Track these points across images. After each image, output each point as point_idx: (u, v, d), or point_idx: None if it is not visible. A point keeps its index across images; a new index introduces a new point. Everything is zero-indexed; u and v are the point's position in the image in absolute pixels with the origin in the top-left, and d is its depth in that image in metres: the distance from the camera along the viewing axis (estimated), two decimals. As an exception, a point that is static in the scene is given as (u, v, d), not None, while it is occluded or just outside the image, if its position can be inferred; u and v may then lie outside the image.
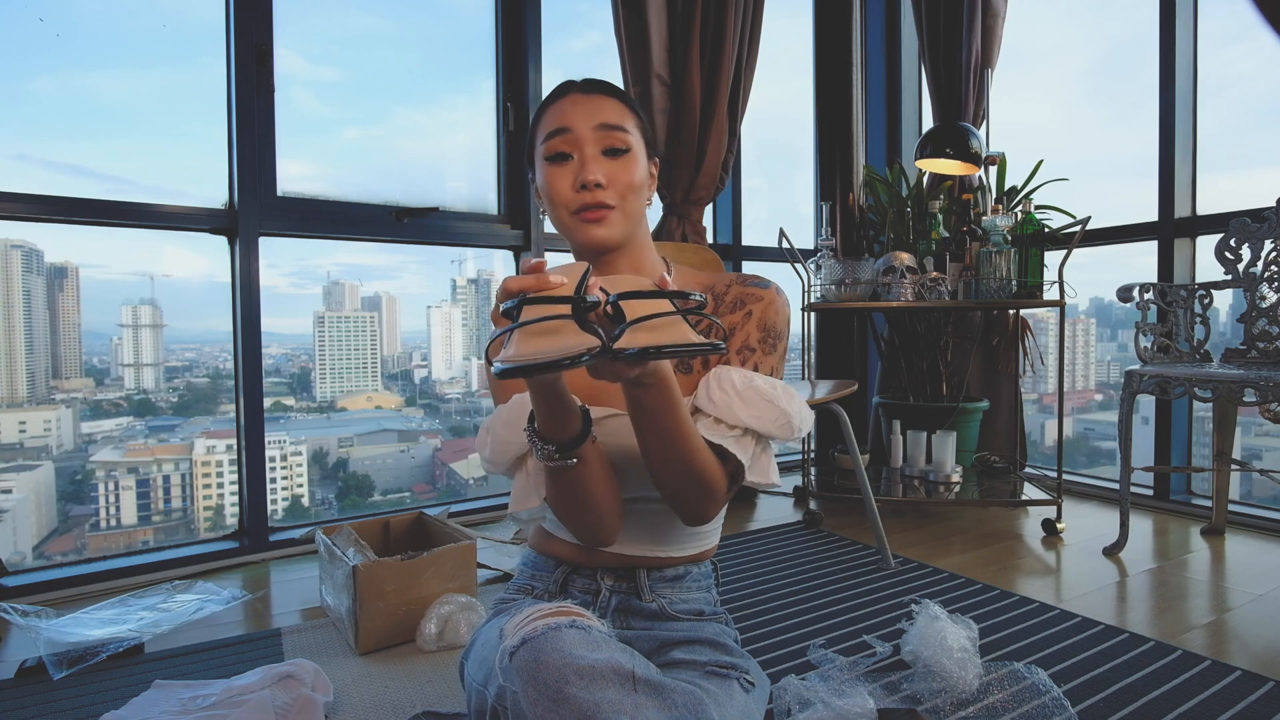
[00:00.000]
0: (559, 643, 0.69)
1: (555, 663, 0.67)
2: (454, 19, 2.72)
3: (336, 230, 2.31)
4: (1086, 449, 3.24)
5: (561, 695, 0.65)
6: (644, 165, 0.96)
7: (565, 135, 0.91)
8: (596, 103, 0.92)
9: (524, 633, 0.71)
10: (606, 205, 0.90)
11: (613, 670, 0.68)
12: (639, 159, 0.94)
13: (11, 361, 2.09)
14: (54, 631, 1.57)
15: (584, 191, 0.90)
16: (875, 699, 1.24)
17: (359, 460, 2.64)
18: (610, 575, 0.97)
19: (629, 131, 0.93)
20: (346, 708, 1.29)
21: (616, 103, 0.94)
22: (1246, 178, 2.63)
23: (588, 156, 0.90)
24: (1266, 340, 2.09)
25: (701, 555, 1.02)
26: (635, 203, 0.93)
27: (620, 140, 0.92)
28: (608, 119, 0.91)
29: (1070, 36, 3.24)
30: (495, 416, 0.91)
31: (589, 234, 0.91)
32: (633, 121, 0.95)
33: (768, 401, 0.87)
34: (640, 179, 0.94)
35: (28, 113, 2.01)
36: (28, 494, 2.10)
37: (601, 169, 0.90)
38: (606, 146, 0.91)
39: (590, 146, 0.90)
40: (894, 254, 2.55)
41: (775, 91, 3.20)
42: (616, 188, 0.91)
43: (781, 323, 0.95)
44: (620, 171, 0.91)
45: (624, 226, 0.92)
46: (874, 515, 2.05)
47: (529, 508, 0.89)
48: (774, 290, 0.96)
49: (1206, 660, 1.42)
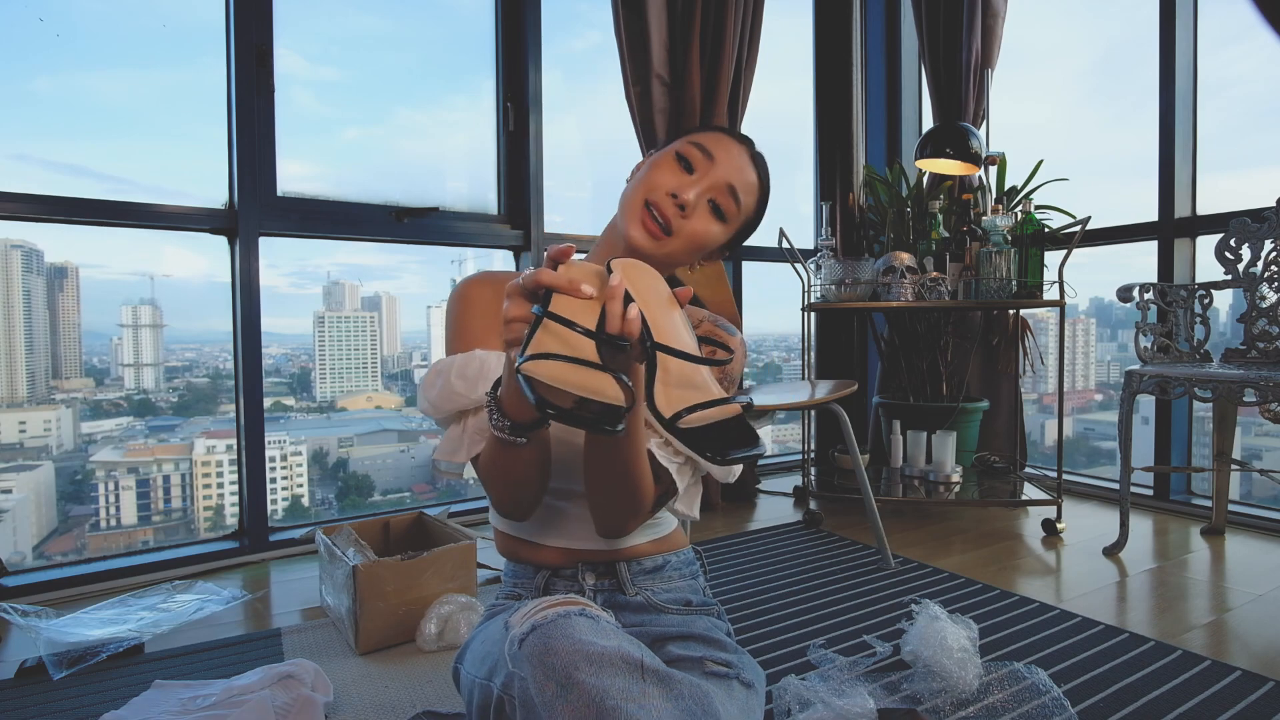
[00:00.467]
0: (569, 629, 0.69)
1: (565, 648, 0.67)
2: (454, 19, 2.72)
3: (336, 230, 2.31)
4: (1086, 449, 3.24)
5: (571, 680, 0.65)
6: (718, 242, 0.97)
7: (708, 160, 0.93)
8: (748, 165, 0.96)
9: (533, 620, 0.71)
10: (670, 230, 0.91)
11: (622, 658, 0.68)
12: (719, 234, 0.96)
13: (11, 361, 2.09)
14: (54, 631, 1.57)
15: (672, 199, 0.91)
16: (875, 699, 1.24)
17: (359, 460, 2.64)
18: (591, 573, 0.98)
19: (738, 211, 0.95)
20: (346, 708, 1.29)
21: (758, 179, 0.97)
22: (1246, 178, 2.63)
23: (702, 187, 0.92)
24: (1266, 340, 2.09)
25: (672, 543, 1.03)
26: (685, 254, 0.95)
27: (730, 209, 0.94)
28: (741, 184, 0.94)
29: (1070, 36, 3.24)
30: (450, 364, 0.90)
31: (635, 235, 0.91)
32: (740, 214, 0.96)
33: None
34: (707, 246, 0.95)
35: (28, 113, 2.01)
36: (28, 494, 2.10)
37: (700, 206, 0.92)
38: (719, 199, 0.93)
39: (709, 185, 0.93)
40: (894, 254, 2.55)
41: (775, 91, 3.20)
42: (689, 230, 0.92)
43: (740, 371, 0.98)
44: (705, 224, 0.93)
45: (663, 259, 0.93)
46: (874, 515, 2.05)
47: (453, 462, 0.90)
48: (738, 340, 0.98)
49: (1206, 660, 1.42)
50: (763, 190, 1.00)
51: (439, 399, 0.90)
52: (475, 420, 0.89)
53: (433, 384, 0.91)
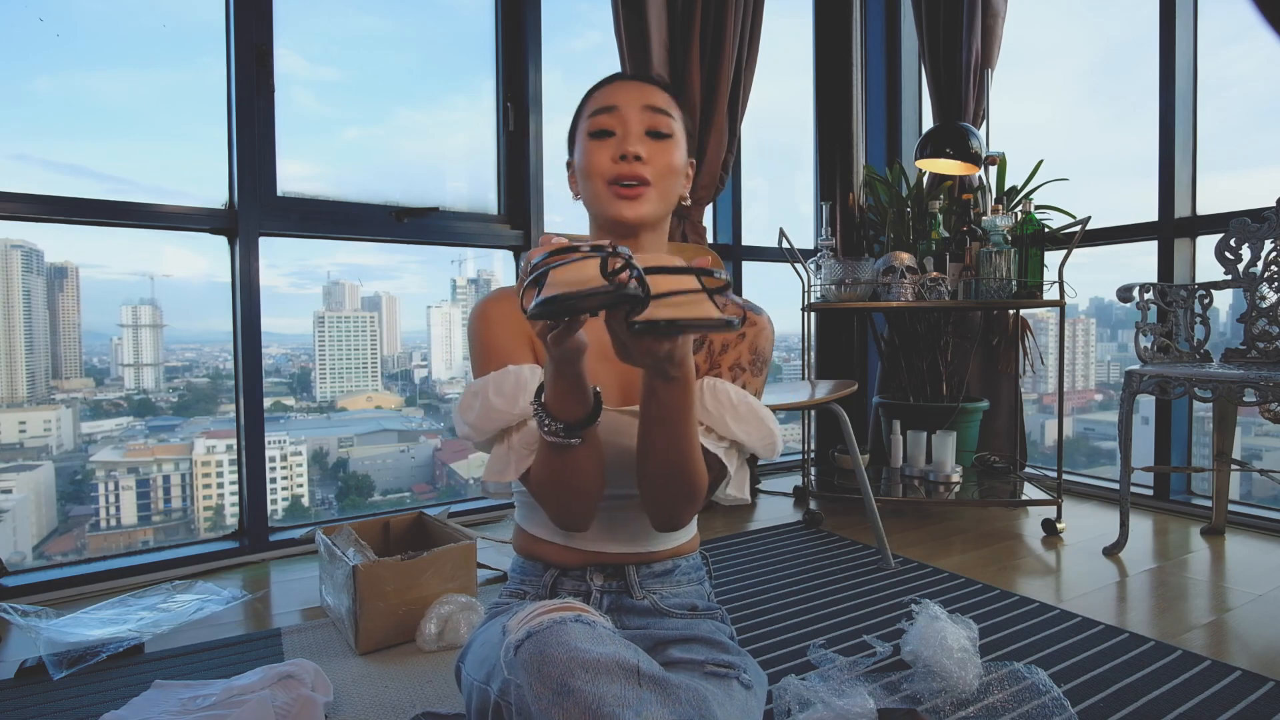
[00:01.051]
0: (564, 636, 0.69)
1: (560, 656, 0.67)
2: (454, 19, 2.72)
3: (336, 230, 2.31)
4: (1086, 449, 3.24)
5: (566, 688, 0.65)
6: (684, 155, 0.96)
7: (612, 112, 0.92)
8: (646, 88, 0.94)
9: (529, 627, 0.71)
10: (644, 180, 0.90)
11: (618, 665, 0.68)
12: (680, 146, 0.95)
13: (11, 361, 2.09)
14: (54, 631, 1.57)
15: (623, 163, 0.90)
16: (875, 699, 1.24)
17: (359, 460, 2.64)
18: (599, 574, 0.97)
19: (674, 118, 0.94)
20: (346, 708, 1.29)
21: (663, 93, 0.95)
22: (1246, 178, 2.63)
23: (631, 132, 0.91)
24: (1266, 340, 2.09)
25: (686, 548, 1.02)
26: (670, 187, 0.94)
27: (665, 124, 0.92)
28: (655, 102, 0.93)
29: (1070, 36, 3.24)
30: (484, 383, 0.88)
31: (620, 210, 0.90)
32: (677, 113, 0.96)
33: (759, 420, 0.89)
34: (680, 164, 0.94)
35: (28, 113, 2.01)
36: (28, 494, 2.10)
37: (644, 146, 0.91)
38: (651, 127, 0.92)
39: (635, 125, 0.91)
40: (894, 254, 2.55)
41: (775, 91, 3.20)
42: (656, 166, 0.91)
43: (769, 349, 0.98)
44: (661, 153, 0.92)
45: (657, 207, 0.92)
46: (874, 515, 2.05)
47: (502, 480, 0.88)
48: (766, 318, 0.98)
49: (1206, 660, 1.42)
50: (666, 85, 0.98)
51: (479, 420, 0.87)
52: (520, 436, 0.87)
53: (470, 406, 0.88)
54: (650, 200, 0.91)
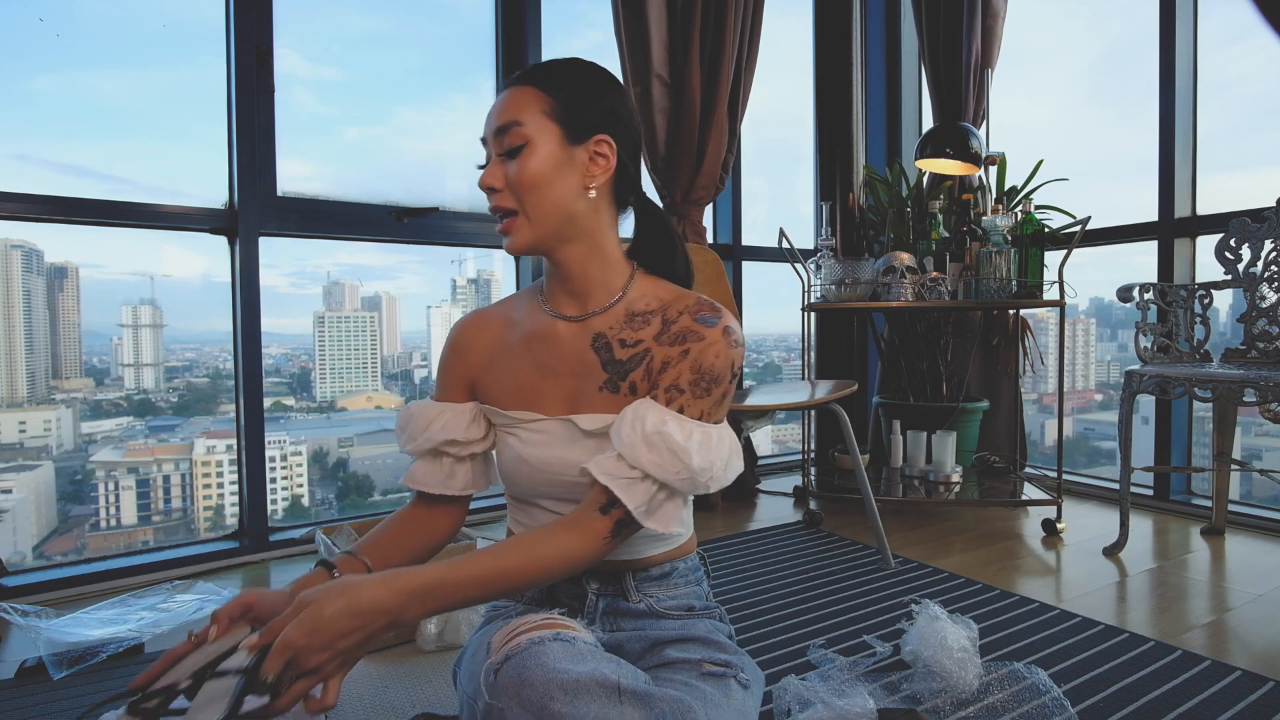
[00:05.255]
0: (542, 657, 0.69)
1: (539, 679, 0.67)
2: (454, 19, 2.72)
3: (336, 230, 2.30)
4: (1086, 449, 3.24)
5: (546, 712, 0.66)
6: (554, 156, 0.85)
7: (485, 144, 0.91)
8: (502, 101, 0.88)
9: (507, 649, 0.72)
10: (506, 211, 0.87)
11: (597, 683, 0.68)
12: (543, 150, 0.85)
13: (11, 361, 2.09)
14: (54, 631, 1.57)
15: (489, 197, 0.88)
16: (875, 699, 1.24)
17: (359, 460, 2.64)
18: (595, 579, 0.96)
19: (523, 124, 0.85)
20: (346, 708, 1.29)
21: (521, 91, 0.87)
22: (1246, 178, 2.63)
23: (490, 162, 0.89)
24: (1266, 340, 2.09)
25: (682, 550, 1.00)
26: (541, 198, 0.85)
27: (514, 137, 0.85)
28: (501, 120, 0.86)
29: (1070, 36, 3.24)
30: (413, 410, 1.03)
31: (505, 246, 0.90)
32: (539, 108, 0.85)
33: (672, 453, 0.81)
34: (539, 172, 0.85)
35: (28, 113, 2.01)
36: (28, 494, 2.10)
37: (496, 174, 0.86)
38: (504, 149, 0.86)
39: (494, 149, 0.88)
40: (894, 254, 2.55)
41: (775, 91, 3.20)
42: (513, 190, 0.86)
43: (721, 366, 0.85)
44: (516, 171, 0.85)
45: (532, 231, 0.87)
46: (874, 515, 2.05)
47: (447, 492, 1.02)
48: (719, 331, 0.86)
49: (1206, 660, 1.42)
50: (523, 79, 0.88)
51: (404, 440, 1.04)
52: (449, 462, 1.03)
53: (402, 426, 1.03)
54: (519, 227, 0.87)
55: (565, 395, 0.93)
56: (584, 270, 0.92)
